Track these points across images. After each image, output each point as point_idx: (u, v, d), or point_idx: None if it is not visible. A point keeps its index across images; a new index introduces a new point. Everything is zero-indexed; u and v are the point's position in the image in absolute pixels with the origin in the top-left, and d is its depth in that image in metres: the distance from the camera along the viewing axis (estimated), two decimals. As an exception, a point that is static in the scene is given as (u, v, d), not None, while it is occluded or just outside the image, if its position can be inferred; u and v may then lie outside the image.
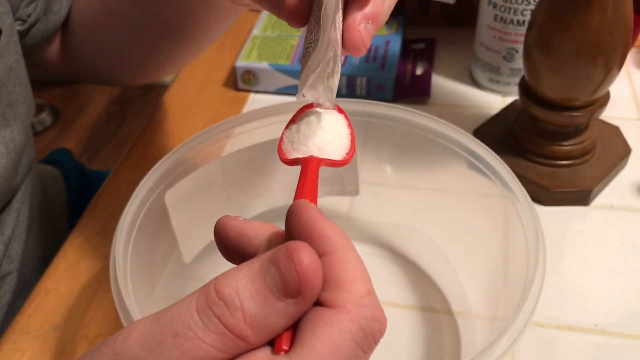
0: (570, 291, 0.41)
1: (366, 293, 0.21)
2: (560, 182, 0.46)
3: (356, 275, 0.21)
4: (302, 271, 0.20)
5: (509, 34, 0.54)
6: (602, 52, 0.41)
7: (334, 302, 0.20)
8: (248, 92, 0.60)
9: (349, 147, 0.33)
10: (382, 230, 0.45)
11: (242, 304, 0.20)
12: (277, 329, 0.20)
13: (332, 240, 0.21)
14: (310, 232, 0.22)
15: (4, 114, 0.44)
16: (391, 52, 0.60)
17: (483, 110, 0.56)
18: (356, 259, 0.21)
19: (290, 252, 0.20)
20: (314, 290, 0.20)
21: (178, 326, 0.20)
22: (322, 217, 0.22)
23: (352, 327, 0.20)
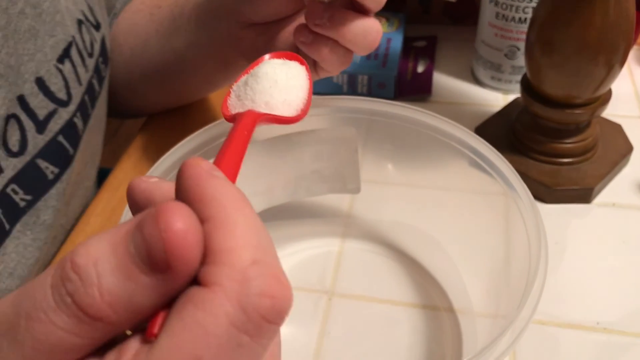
0: (572, 289, 0.41)
1: (250, 262, 0.16)
2: (562, 180, 0.46)
3: (239, 242, 0.17)
4: (170, 238, 0.16)
5: (510, 31, 0.54)
6: (604, 49, 0.41)
7: (207, 278, 0.16)
8: (249, 90, 0.60)
9: (304, 104, 0.30)
10: (384, 228, 0.45)
11: (100, 278, 0.16)
12: (146, 309, 0.17)
13: (214, 203, 0.17)
14: (191, 193, 0.17)
15: None
16: (392, 50, 0.59)
17: (485, 108, 0.56)
18: (244, 222, 0.17)
19: (158, 214, 0.16)
20: (185, 263, 0.16)
21: (30, 306, 0.16)
22: (211, 175, 0.18)
23: (228, 307, 0.16)
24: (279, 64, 0.31)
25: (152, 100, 0.55)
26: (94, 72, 0.45)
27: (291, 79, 0.30)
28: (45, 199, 0.40)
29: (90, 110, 0.45)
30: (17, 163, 0.37)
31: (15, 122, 0.37)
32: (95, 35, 0.46)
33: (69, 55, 0.42)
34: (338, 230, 0.46)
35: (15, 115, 0.37)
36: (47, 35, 0.40)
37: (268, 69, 0.30)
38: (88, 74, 0.44)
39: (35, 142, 0.39)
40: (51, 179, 0.40)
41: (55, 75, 0.40)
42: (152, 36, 0.50)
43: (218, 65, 0.47)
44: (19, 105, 0.37)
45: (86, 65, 0.44)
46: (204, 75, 0.49)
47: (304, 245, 0.45)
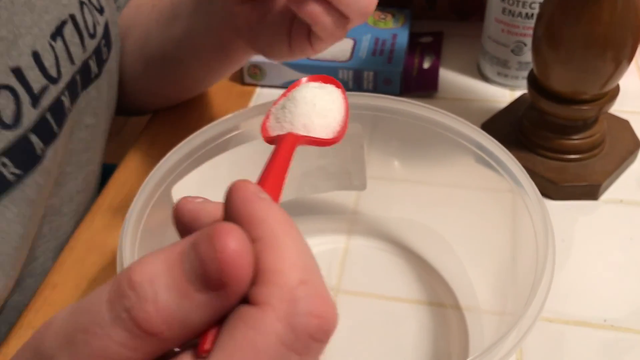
0: (579, 286, 0.41)
1: (298, 283, 0.17)
2: (569, 176, 0.46)
3: (288, 263, 0.17)
4: (225, 258, 0.16)
5: (517, 27, 0.53)
6: (612, 45, 0.41)
7: (258, 298, 0.17)
8: (254, 86, 0.60)
9: (340, 126, 0.31)
10: (390, 224, 0.45)
11: (156, 295, 0.16)
12: (198, 326, 0.17)
13: (263, 225, 0.18)
14: (241, 215, 0.18)
15: None
16: (398, 46, 0.59)
17: (491, 104, 0.55)
18: (292, 244, 0.18)
19: (212, 234, 0.16)
20: (239, 282, 0.17)
21: (87, 320, 0.17)
22: (259, 198, 0.18)
23: (278, 327, 0.16)
24: (316, 87, 0.31)
25: (156, 94, 0.56)
26: (93, 54, 0.46)
27: (328, 102, 0.31)
28: (33, 175, 0.40)
29: (80, 90, 0.45)
30: (10, 136, 0.37)
31: (10, 94, 0.37)
32: (98, 18, 0.46)
33: (62, 33, 0.42)
34: (344, 227, 0.46)
35: (11, 87, 0.37)
36: (42, 11, 0.40)
37: (306, 92, 0.30)
38: (85, 54, 0.44)
39: (30, 116, 0.39)
40: (39, 155, 0.40)
41: (48, 52, 0.40)
42: (153, 27, 0.51)
43: (215, 50, 0.47)
44: (14, 77, 0.38)
45: (85, 45, 0.44)
46: (203, 62, 0.49)
47: (309, 242, 0.44)
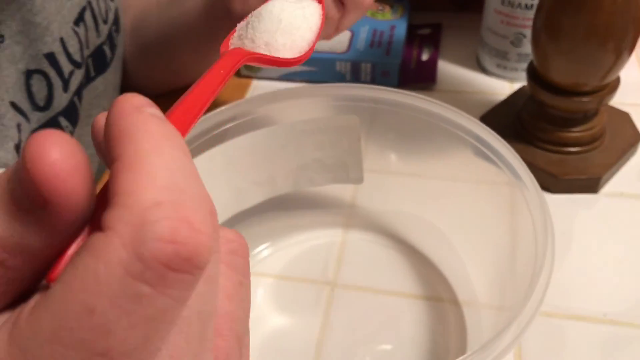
0: (578, 280, 0.40)
1: (152, 204, 0.14)
2: (568, 169, 0.45)
3: (143, 182, 0.14)
4: (38, 169, 0.14)
5: (516, 18, 0.53)
6: (613, 35, 0.40)
7: (104, 223, 0.14)
8: (250, 78, 0.59)
9: (309, 45, 0.28)
10: (387, 218, 0.45)
11: None
12: (41, 250, 0.15)
13: (128, 139, 0.15)
14: (110, 129, 0.16)
15: None
16: (396, 38, 0.59)
17: (490, 97, 0.55)
18: (158, 161, 0.15)
19: (28, 144, 0.14)
20: (62, 197, 0.14)
21: None
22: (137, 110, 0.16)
23: (122, 254, 0.14)
24: (290, 2, 0.28)
25: (152, 78, 0.55)
26: (107, 39, 0.46)
27: (297, 18, 0.28)
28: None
29: (94, 74, 0.45)
30: (42, 117, 0.39)
31: (43, 79, 0.39)
32: (109, 4, 0.47)
33: (83, 19, 0.43)
34: (341, 221, 0.45)
35: (44, 72, 0.39)
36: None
37: (273, 7, 0.27)
38: (99, 39, 0.45)
39: (60, 100, 0.40)
40: None
41: (72, 37, 0.41)
42: (152, 8, 0.51)
43: (205, 33, 0.47)
44: (47, 62, 0.39)
45: (99, 30, 0.45)
46: (192, 46, 0.49)
47: (306, 236, 0.44)
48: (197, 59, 0.51)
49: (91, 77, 0.45)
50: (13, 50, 0.37)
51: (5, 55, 0.37)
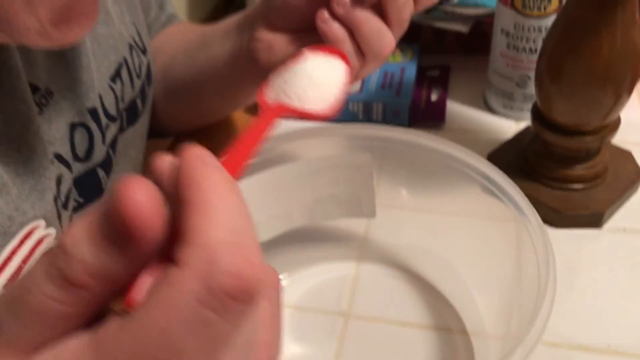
0: (583, 311, 0.42)
1: (220, 243, 0.17)
2: (572, 205, 0.47)
3: (212, 224, 0.17)
4: (126, 209, 0.17)
5: (521, 61, 0.55)
6: (611, 79, 0.43)
7: (179, 258, 0.17)
8: (268, 117, 0.62)
9: (337, 100, 0.31)
10: (399, 251, 0.46)
11: (80, 251, 0.18)
12: (121, 278, 0.18)
13: (195, 186, 0.18)
14: (180, 176, 0.18)
15: None
16: (406, 79, 0.61)
17: (497, 136, 0.57)
18: (223, 206, 0.18)
19: (119, 188, 0.17)
20: (143, 233, 0.17)
21: (28, 281, 0.18)
22: (201, 161, 0.19)
23: (194, 285, 0.17)
24: (318, 59, 0.31)
25: (175, 118, 0.58)
26: (140, 92, 0.49)
27: (327, 75, 0.31)
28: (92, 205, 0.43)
29: (126, 126, 0.48)
30: (81, 169, 0.41)
31: (85, 132, 0.41)
32: (142, 58, 0.50)
33: (120, 75, 0.46)
34: (354, 254, 0.47)
35: (86, 125, 0.41)
36: (103, 56, 0.44)
37: (306, 64, 0.31)
38: (133, 93, 0.48)
39: (99, 152, 0.43)
40: (103, 188, 0.44)
41: (109, 93, 0.44)
42: (179, 54, 0.54)
43: (231, 79, 0.49)
44: (89, 116, 0.42)
45: (134, 85, 0.48)
46: (219, 91, 0.52)
47: (321, 268, 0.46)
48: (222, 102, 0.54)
49: (123, 128, 0.48)
50: (61, 105, 0.40)
51: (54, 110, 0.39)
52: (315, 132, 0.42)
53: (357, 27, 0.37)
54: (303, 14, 0.41)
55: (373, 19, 0.37)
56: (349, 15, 0.37)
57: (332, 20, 0.38)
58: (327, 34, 0.38)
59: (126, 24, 0.48)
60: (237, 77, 0.49)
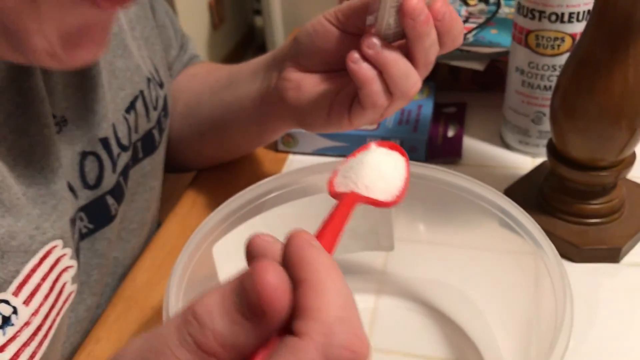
0: (602, 347, 0.42)
1: (336, 320, 0.20)
2: (589, 239, 0.47)
3: (327, 302, 0.21)
4: (263, 290, 0.20)
5: (536, 98, 0.56)
6: (625, 115, 0.43)
7: (301, 330, 0.20)
8: (287, 153, 0.63)
9: (399, 190, 0.34)
10: (417, 285, 0.47)
11: (213, 322, 0.20)
12: (248, 348, 0.21)
13: (309, 267, 0.22)
14: (291, 258, 0.22)
15: None
16: (423, 116, 0.62)
17: (513, 171, 0.58)
18: (333, 285, 0.21)
19: (254, 270, 0.20)
20: (276, 310, 0.20)
21: (159, 343, 0.21)
22: (309, 244, 0.23)
23: (314, 355, 0.20)
24: (383, 153, 0.34)
25: (202, 154, 0.60)
26: (156, 124, 0.51)
27: (392, 168, 0.34)
28: (103, 231, 0.44)
29: (142, 155, 0.49)
30: (90, 195, 0.43)
31: (95, 160, 0.43)
32: (159, 92, 0.52)
33: (134, 107, 0.47)
34: (372, 287, 0.48)
35: (97, 154, 0.43)
36: (118, 88, 0.46)
37: (373, 157, 0.34)
38: (150, 124, 0.50)
39: (109, 180, 0.44)
40: (113, 215, 0.45)
41: (122, 124, 0.46)
42: (206, 92, 0.56)
43: (257, 118, 0.51)
44: (101, 145, 0.43)
45: (149, 116, 0.49)
46: (244, 129, 0.53)
47: (339, 301, 0.46)
48: (248, 139, 0.55)
49: (139, 158, 0.49)
50: (73, 134, 0.41)
51: (67, 138, 0.41)
52: (334, 167, 0.43)
53: (386, 68, 0.39)
54: (331, 55, 0.43)
55: (401, 60, 0.39)
56: (378, 56, 0.39)
57: (362, 60, 0.39)
58: (357, 74, 0.39)
59: (144, 58, 0.50)
60: (264, 115, 0.50)
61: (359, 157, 0.35)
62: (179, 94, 0.58)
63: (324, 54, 0.43)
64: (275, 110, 0.48)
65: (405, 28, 0.38)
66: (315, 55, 0.44)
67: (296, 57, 0.45)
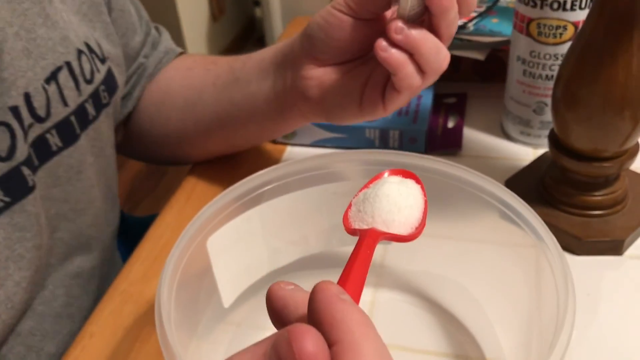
0: (604, 340, 0.41)
1: None
2: (592, 231, 0.47)
3: None
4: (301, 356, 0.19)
5: (537, 88, 0.55)
6: (628, 105, 0.43)
7: None
8: (285, 144, 0.62)
9: (418, 222, 0.33)
10: (416, 278, 0.46)
11: None
12: None
13: (343, 326, 0.20)
14: (322, 316, 0.21)
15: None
16: (423, 107, 0.62)
17: (514, 162, 0.57)
18: (370, 347, 0.20)
19: (291, 338, 0.20)
20: None
21: None
22: (340, 300, 0.21)
23: None
24: (398, 184, 0.33)
25: (207, 149, 0.59)
26: (90, 97, 0.49)
27: (408, 198, 0.33)
28: (22, 204, 0.43)
29: (78, 131, 0.48)
30: (4, 167, 0.41)
31: (6, 130, 0.42)
32: (99, 66, 0.50)
33: (57, 78, 0.46)
34: (371, 280, 0.47)
35: (7, 124, 0.42)
36: (39, 57, 0.44)
37: (389, 189, 0.32)
38: (81, 98, 0.48)
39: (22, 150, 0.43)
40: (31, 186, 0.43)
41: (40, 94, 0.44)
42: (208, 88, 0.54)
43: (274, 114, 0.50)
44: (11, 114, 0.42)
45: (80, 89, 0.48)
46: (258, 125, 0.52)
47: (337, 295, 0.46)
48: (261, 134, 0.55)
49: (76, 134, 0.48)
50: None
51: None
52: (332, 159, 0.42)
53: (417, 49, 0.39)
54: (348, 45, 0.42)
55: (430, 37, 0.39)
56: (408, 39, 0.38)
57: (391, 47, 0.39)
58: (390, 60, 0.39)
59: (77, 31, 0.49)
60: (282, 113, 0.49)
61: (373, 189, 0.34)
62: (177, 91, 0.57)
63: (340, 45, 0.43)
64: (296, 109, 0.48)
65: (431, 5, 0.38)
66: (332, 48, 0.43)
67: (311, 52, 0.44)
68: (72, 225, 0.49)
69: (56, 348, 0.48)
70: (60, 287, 0.49)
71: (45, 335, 0.48)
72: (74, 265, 0.50)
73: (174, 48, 0.62)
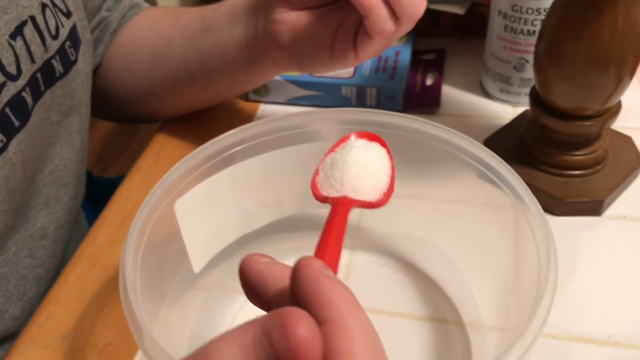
0: (583, 302, 0.41)
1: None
2: (572, 192, 0.46)
3: (357, 346, 0.20)
4: (297, 347, 0.18)
5: (519, 44, 0.54)
6: (613, 61, 0.41)
7: None
8: (258, 102, 0.60)
9: (387, 187, 0.32)
10: (393, 240, 0.45)
11: None
12: None
13: (330, 305, 0.20)
14: (308, 295, 0.20)
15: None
16: (401, 63, 0.60)
17: (494, 121, 0.56)
18: (358, 325, 0.20)
19: (284, 324, 0.19)
20: (306, 357, 0.19)
21: None
22: (324, 276, 0.21)
23: None
24: (364, 147, 0.32)
25: (173, 103, 0.56)
26: (57, 54, 0.46)
27: (376, 163, 0.32)
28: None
29: (43, 88, 0.46)
30: None
31: None
32: (64, 21, 0.48)
33: (22, 32, 0.43)
34: (346, 243, 0.45)
35: None
36: (1, 11, 0.42)
37: (357, 155, 0.31)
38: (47, 54, 0.45)
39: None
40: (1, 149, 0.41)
41: (7, 50, 0.42)
42: (177, 37, 0.52)
43: (245, 63, 0.48)
44: None
45: (46, 45, 0.45)
46: (230, 75, 0.50)
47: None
48: (232, 86, 0.52)
49: (41, 91, 0.45)
50: None
51: None
52: (307, 117, 0.41)
53: None
54: None
55: None
56: None
57: None
58: (362, 2, 0.37)
59: None
60: (253, 61, 0.47)
61: (340, 154, 0.32)
62: (143, 40, 0.55)
63: None
64: (268, 56, 0.46)
65: None
66: None
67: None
68: (33, 184, 0.47)
69: (21, 311, 0.47)
70: (24, 249, 0.47)
71: (9, 298, 0.46)
72: (37, 226, 0.48)
73: (140, 3, 0.59)
